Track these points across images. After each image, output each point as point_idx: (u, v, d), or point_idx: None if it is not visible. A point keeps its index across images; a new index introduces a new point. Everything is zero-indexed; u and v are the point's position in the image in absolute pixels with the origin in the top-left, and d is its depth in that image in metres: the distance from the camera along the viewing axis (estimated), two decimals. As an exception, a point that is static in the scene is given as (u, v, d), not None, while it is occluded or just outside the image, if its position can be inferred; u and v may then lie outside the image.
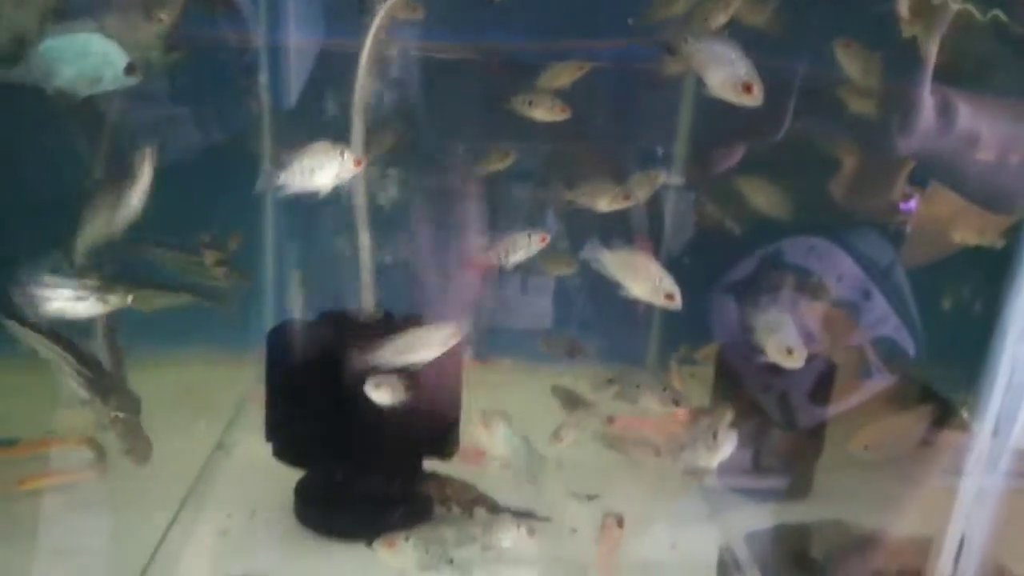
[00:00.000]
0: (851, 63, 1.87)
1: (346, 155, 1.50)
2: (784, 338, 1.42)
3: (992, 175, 1.82)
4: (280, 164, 1.52)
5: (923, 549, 1.30)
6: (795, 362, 1.42)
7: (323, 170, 1.50)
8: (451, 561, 1.57)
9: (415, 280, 2.28)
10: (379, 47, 1.86)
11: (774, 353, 1.44)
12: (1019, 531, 1.27)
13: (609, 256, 1.59)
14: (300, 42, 2.49)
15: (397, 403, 1.71)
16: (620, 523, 1.67)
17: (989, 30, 1.78)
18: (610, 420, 2.00)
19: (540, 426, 1.85)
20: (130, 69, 1.60)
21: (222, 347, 2.54)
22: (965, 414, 1.10)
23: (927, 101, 1.79)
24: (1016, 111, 1.77)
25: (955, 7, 1.69)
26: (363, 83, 1.84)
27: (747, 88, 1.33)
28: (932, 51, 1.73)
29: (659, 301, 1.54)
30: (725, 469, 2.17)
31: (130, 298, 1.56)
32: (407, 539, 1.54)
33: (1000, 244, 1.81)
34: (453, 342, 1.66)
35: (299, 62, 2.51)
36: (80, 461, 2.00)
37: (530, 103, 2.04)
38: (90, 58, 1.60)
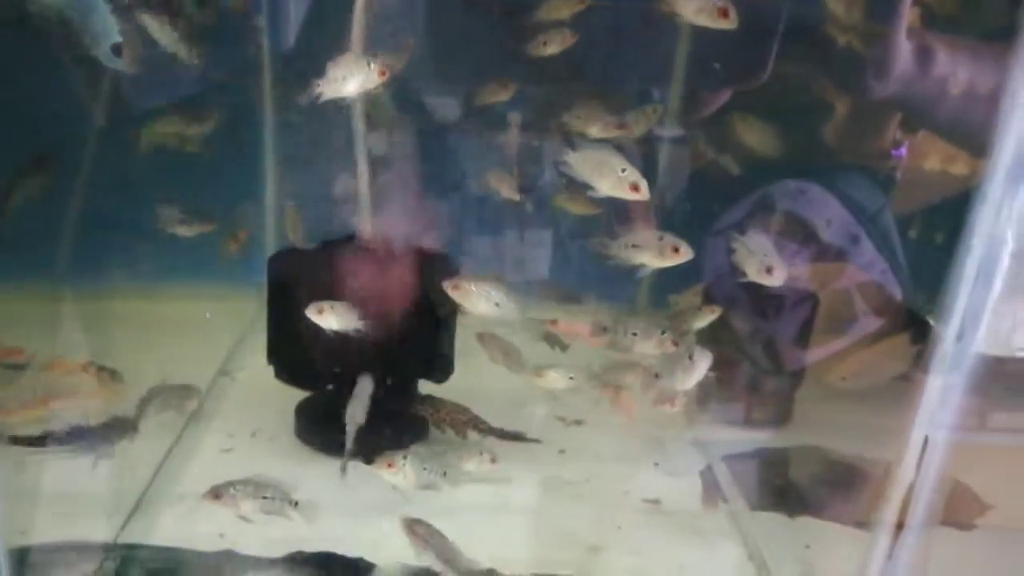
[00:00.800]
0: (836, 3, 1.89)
1: (372, 65, 1.54)
2: (765, 258, 1.47)
3: (970, 116, 1.86)
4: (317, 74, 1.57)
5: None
6: (776, 280, 1.47)
7: (352, 79, 1.53)
8: (444, 474, 1.65)
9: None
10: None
11: (754, 273, 1.48)
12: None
13: (574, 156, 1.58)
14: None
15: (347, 328, 1.76)
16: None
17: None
18: (552, 323, 2.08)
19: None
20: (116, 51, 1.63)
21: (227, 281, 2.60)
22: (931, 321, 1.15)
23: (903, 44, 1.82)
24: (996, 52, 1.80)
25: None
26: (361, 21, 1.87)
27: (723, 12, 1.37)
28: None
29: (624, 193, 1.53)
30: (712, 407, 2.29)
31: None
32: (405, 458, 1.62)
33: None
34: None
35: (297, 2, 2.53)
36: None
37: (544, 43, 2.05)
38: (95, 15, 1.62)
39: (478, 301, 1.64)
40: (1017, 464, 1.61)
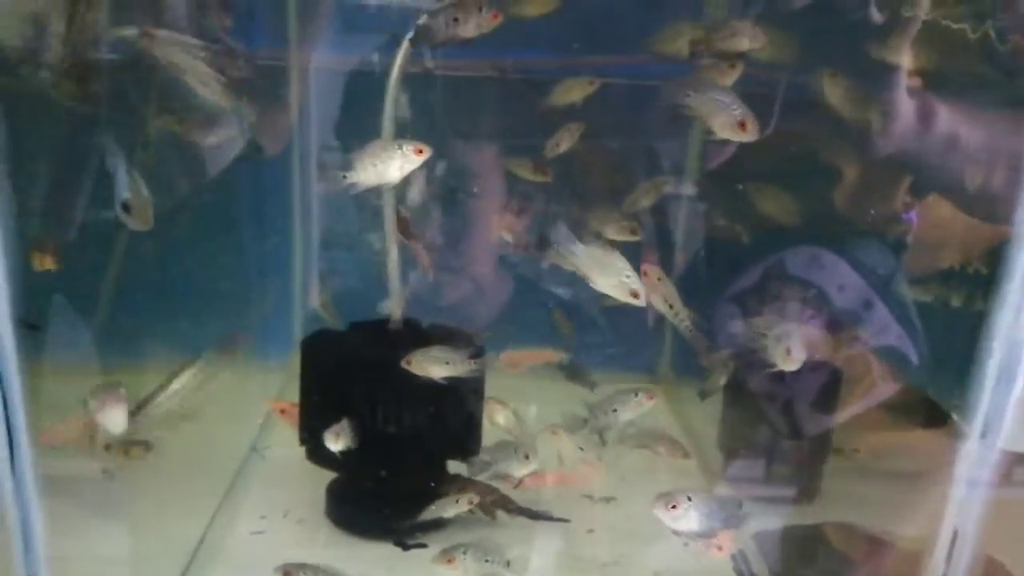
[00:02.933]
0: (834, 92, 1.96)
1: (405, 147, 1.58)
2: (784, 339, 1.51)
3: (974, 178, 1.90)
4: (346, 165, 1.62)
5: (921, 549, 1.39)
6: (793, 364, 1.51)
7: (389, 163, 1.58)
8: (508, 564, 1.66)
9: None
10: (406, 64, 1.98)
11: (774, 355, 1.52)
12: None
13: (581, 250, 1.64)
14: (328, 60, 2.63)
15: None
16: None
17: (978, 48, 1.86)
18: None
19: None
20: (125, 208, 1.72)
21: (253, 356, 2.67)
22: (955, 417, 1.18)
23: (906, 103, 1.88)
24: (997, 121, 1.85)
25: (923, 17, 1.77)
26: (393, 96, 1.96)
27: (742, 125, 1.51)
28: (904, 57, 1.82)
29: (624, 298, 1.59)
30: (737, 477, 2.30)
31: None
32: (465, 552, 1.63)
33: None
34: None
35: (326, 79, 2.65)
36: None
37: (557, 144, 2.17)
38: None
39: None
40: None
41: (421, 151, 1.61)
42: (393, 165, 1.61)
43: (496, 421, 2.02)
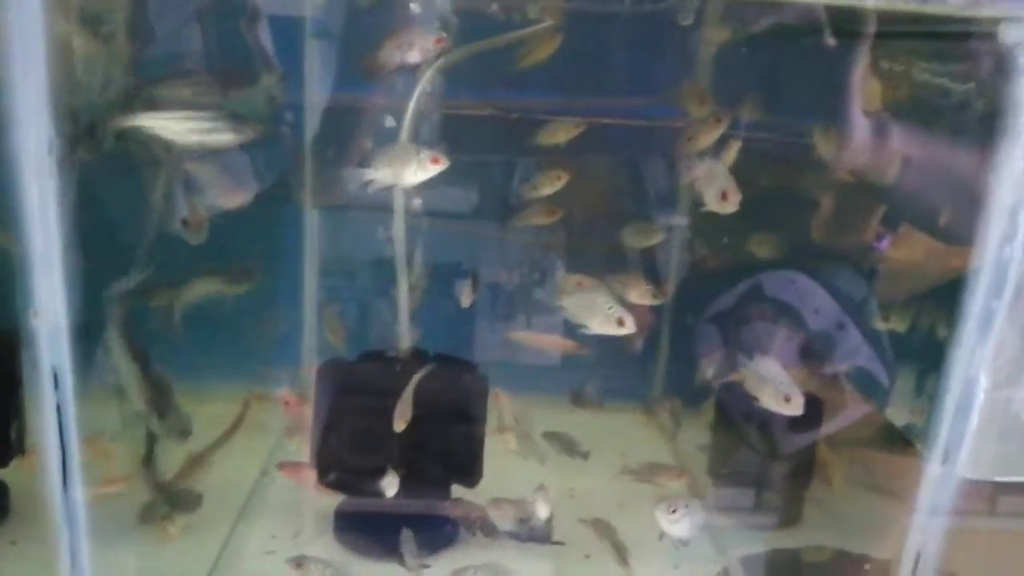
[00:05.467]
0: (825, 144, 2.11)
1: (423, 154, 1.67)
2: (780, 386, 1.62)
3: (929, 196, 2.03)
4: (366, 162, 1.72)
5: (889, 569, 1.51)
6: (794, 409, 1.62)
7: (405, 166, 1.67)
8: None
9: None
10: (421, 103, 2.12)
11: (771, 402, 1.64)
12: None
13: (569, 300, 1.78)
14: (335, 96, 2.77)
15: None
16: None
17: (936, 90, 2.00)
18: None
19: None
20: (184, 224, 1.88)
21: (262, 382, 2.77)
22: (918, 445, 1.31)
23: (859, 119, 2.02)
24: (948, 147, 1.98)
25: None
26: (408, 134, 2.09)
27: (725, 196, 1.66)
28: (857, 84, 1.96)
29: (613, 330, 1.71)
30: (725, 502, 2.41)
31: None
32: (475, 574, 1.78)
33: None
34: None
35: (334, 115, 2.78)
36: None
37: (534, 187, 2.31)
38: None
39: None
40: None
41: (437, 160, 1.69)
42: (408, 169, 1.69)
43: (509, 447, 2.13)
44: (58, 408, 1.22)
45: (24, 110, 1.11)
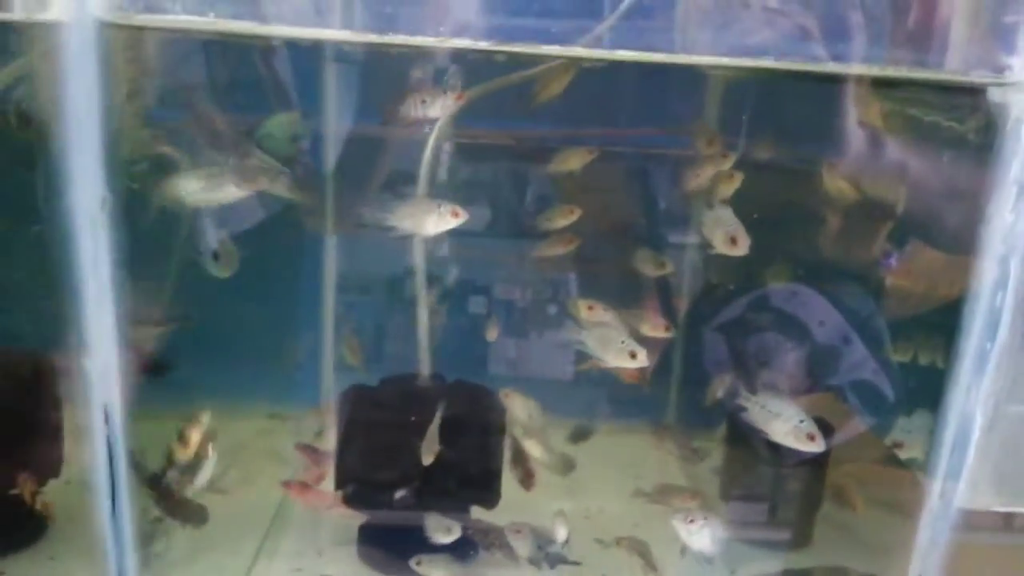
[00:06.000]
0: (832, 182, 2.17)
1: (443, 207, 1.76)
2: (796, 425, 1.68)
3: (930, 210, 2.08)
4: (385, 209, 1.83)
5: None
6: (816, 446, 1.68)
7: (426, 218, 1.77)
8: None
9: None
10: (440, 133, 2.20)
11: (788, 439, 1.70)
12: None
13: (586, 334, 1.88)
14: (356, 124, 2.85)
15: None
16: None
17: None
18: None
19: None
20: (215, 257, 1.98)
21: (282, 403, 2.85)
22: (920, 475, 1.37)
23: (855, 130, 2.07)
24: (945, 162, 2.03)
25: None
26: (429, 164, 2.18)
27: (734, 241, 1.73)
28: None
29: (627, 363, 1.80)
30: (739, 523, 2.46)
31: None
32: None
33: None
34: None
35: (354, 142, 2.87)
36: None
37: (548, 219, 2.38)
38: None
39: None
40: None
41: (457, 214, 1.79)
42: (429, 220, 1.80)
43: (533, 455, 2.21)
44: (108, 442, 1.30)
45: (79, 170, 1.20)
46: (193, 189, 1.74)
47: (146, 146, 1.69)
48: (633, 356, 1.78)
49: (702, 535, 1.73)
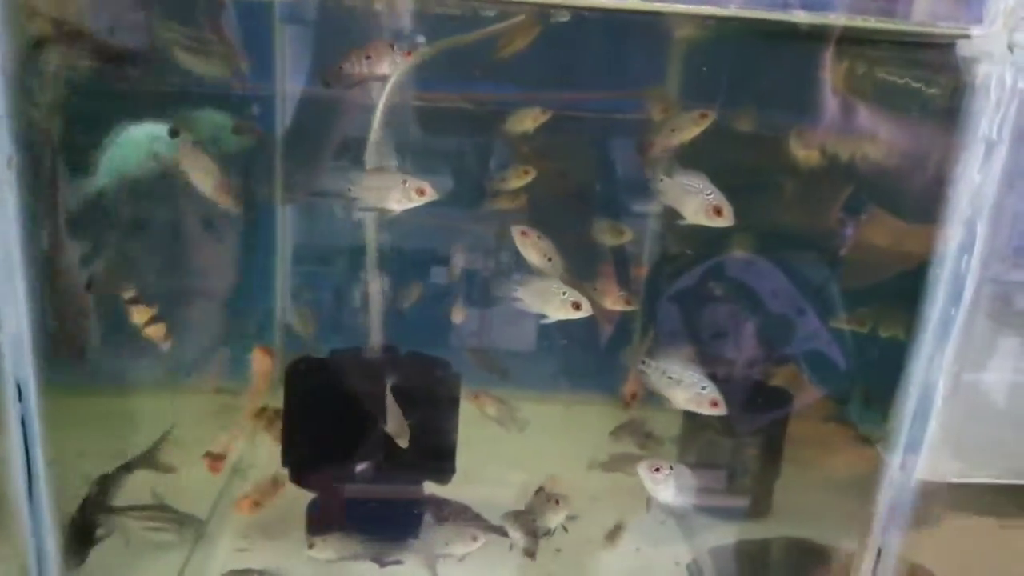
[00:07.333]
0: (800, 148, 2.12)
1: (408, 183, 1.65)
2: (699, 392, 1.65)
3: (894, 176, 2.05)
4: (351, 181, 1.73)
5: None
6: (719, 410, 1.66)
7: (389, 193, 1.66)
8: None
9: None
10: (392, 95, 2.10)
11: (689, 403, 1.66)
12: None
13: (523, 290, 1.76)
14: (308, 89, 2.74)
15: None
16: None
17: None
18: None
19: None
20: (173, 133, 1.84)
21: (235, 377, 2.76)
22: (879, 448, 1.34)
23: (829, 97, 2.02)
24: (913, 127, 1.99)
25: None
26: (379, 129, 2.08)
27: (717, 211, 1.57)
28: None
29: (571, 314, 1.69)
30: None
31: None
32: None
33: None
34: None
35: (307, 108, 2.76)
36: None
37: (503, 179, 2.33)
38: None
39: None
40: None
41: (423, 192, 1.67)
42: (392, 196, 1.68)
43: (488, 412, 2.21)
44: (23, 421, 1.21)
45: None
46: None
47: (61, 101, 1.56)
48: (577, 307, 1.67)
49: (668, 485, 1.66)
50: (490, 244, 2.90)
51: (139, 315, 2.05)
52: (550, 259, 1.90)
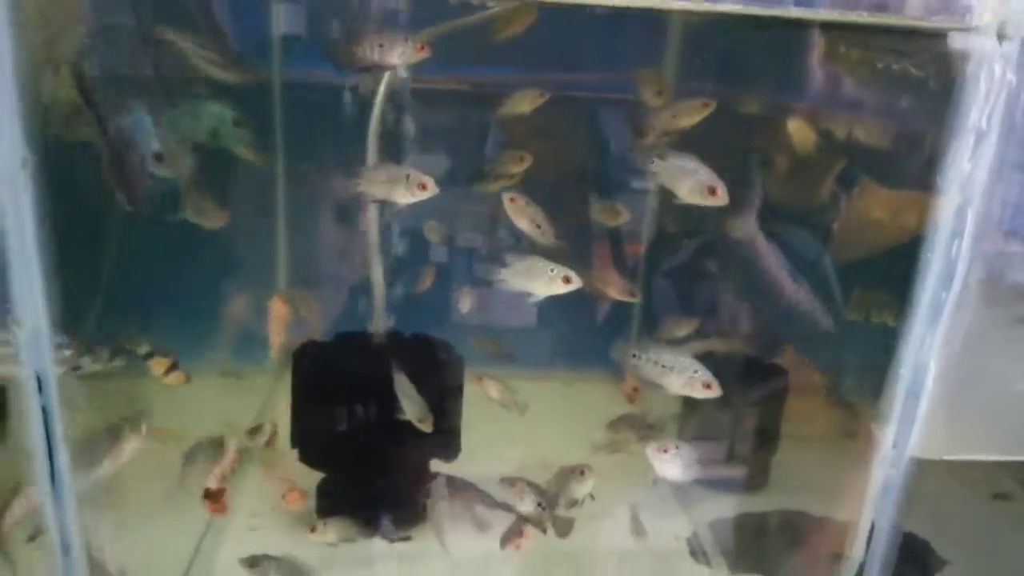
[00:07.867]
0: (798, 134, 2.14)
1: (411, 178, 1.69)
2: (691, 376, 1.66)
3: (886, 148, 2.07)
4: (353, 173, 1.77)
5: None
6: (713, 392, 1.68)
7: (394, 187, 1.69)
8: None
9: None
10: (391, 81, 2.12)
11: (684, 389, 1.67)
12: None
13: (507, 270, 1.74)
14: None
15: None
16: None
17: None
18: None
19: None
20: (158, 158, 1.87)
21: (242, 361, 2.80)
22: (873, 425, 1.38)
23: (815, 68, 2.04)
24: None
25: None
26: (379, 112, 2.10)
27: (711, 191, 1.58)
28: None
29: (558, 289, 1.68)
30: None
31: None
32: None
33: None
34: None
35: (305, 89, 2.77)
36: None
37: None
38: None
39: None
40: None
41: (425, 187, 1.71)
42: (397, 190, 1.72)
43: (491, 395, 2.23)
44: (44, 411, 1.25)
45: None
46: None
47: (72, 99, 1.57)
48: (567, 281, 1.67)
49: (675, 465, 1.70)
50: (485, 225, 2.93)
51: (158, 367, 2.10)
52: (539, 226, 1.92)
